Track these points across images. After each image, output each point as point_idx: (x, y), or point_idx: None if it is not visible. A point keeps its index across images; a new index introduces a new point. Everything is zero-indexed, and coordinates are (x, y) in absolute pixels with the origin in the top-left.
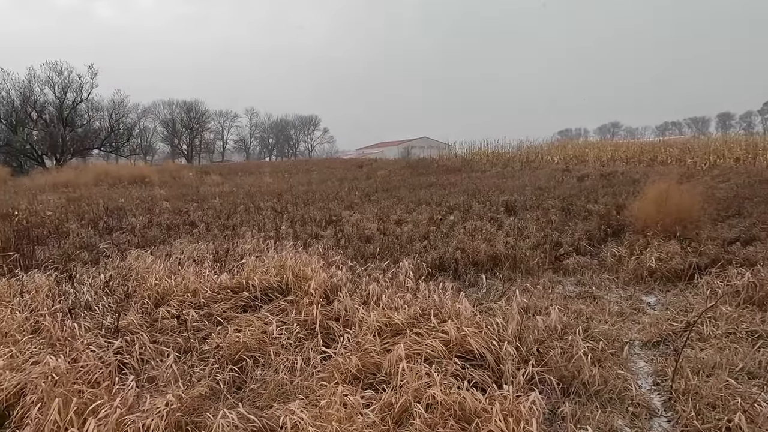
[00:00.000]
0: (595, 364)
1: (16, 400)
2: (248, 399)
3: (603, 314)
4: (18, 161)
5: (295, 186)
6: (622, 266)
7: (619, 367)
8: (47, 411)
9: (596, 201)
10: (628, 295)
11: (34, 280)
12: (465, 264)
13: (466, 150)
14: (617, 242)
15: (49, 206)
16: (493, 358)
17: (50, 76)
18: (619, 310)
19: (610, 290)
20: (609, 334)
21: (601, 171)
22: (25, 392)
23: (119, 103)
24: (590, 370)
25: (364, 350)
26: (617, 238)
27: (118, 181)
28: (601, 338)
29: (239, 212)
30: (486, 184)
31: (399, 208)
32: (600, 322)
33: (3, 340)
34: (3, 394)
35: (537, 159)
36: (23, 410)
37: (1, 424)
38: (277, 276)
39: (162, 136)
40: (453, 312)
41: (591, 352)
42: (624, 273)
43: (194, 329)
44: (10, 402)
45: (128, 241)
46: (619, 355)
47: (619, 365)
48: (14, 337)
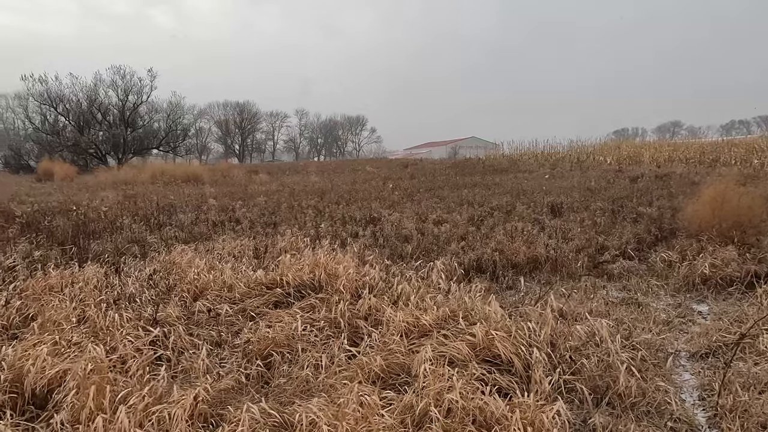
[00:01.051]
0: (634, 375)
1: (58, 385)
2: (273, 394)
3: (648, 322)
4: (84, 160)
5: (339, 185)
6: (673, 272)
7: (660, 378)
8: (83, 397)
9: (649, 203)
10: (677, 302)
11: (85, 272)
12: (503, 266)
13: (514, 150)
14: (668, 247)
15: (107, 203)
16: (522, 364)
17: (114, 80)
18: (666, 318)
19: (657, 297)
20: (652, 344)
21: (657, 172)
22: (66, 378)
23: (176, 105)
24: (627, 380)
25: (389, 350)
26: (668, 243)
27: (173, 179)
28: (643, 347)
29: (282, 210)
30: (532, 185)
31: (440, 208)
32: (644, 331)
33: (50, 328)
34: (45, 379)
35: (588, 159)
36: (62, 395)
37: (43, 407)
38: (310, 273)
39: (216, 137)
40: (483, 315)
41: (630, 362)
42: (674, 279)
43: (228, 323)
44: (51, 387)
45: (176, 236)
46: (662, 366)
47: (661, 377)
48: (61, 326)
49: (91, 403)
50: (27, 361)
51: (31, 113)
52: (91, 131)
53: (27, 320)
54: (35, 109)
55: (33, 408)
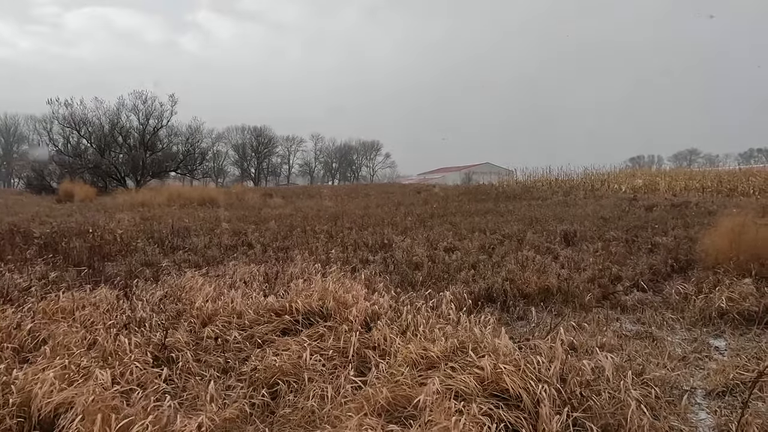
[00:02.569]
0: (647, 413)
1: (64, 411)
2: (278, 424)
3: (662, 357)
4: (104, 181)
5: (352, 210)
6: (688, 305)
7: (675, 417)
8: (88, 424)
9: (664, 233)
10: (693, 337)
11: (96, 295)
12: (514, 296)
13: (528, 176)
14: (684, 279)
15: (123, 225)
16: (530, 400)
17: (136, 104)
18: (682, 353)
19: (672, 331)
20: (667, 380)
21: (673, 201)
22: (72, 404)
23: (195, 129)
24: (639, 419)
25: (395, 382)
26: (684, 275)
27: (189, 202)
28: (657, 384)
29: (295, 235)
30: (545, 213)
31: (451, 234)
32: (658, 366)
33: (60, 352)
34: (51, 405)
35: (602, 187)
36: (68, 422)
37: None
38: (319, 301)
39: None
40: (492, 347)
41: (643, 399)
42: (690, 313)
43: (235, 350)
44: (57, 412)
45: (188, 260)
46: (677, 404)
47: (675, 415)
48: (71, 350)
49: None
50: (35, 385)
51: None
52: (112, 153)
53: (38, 343)
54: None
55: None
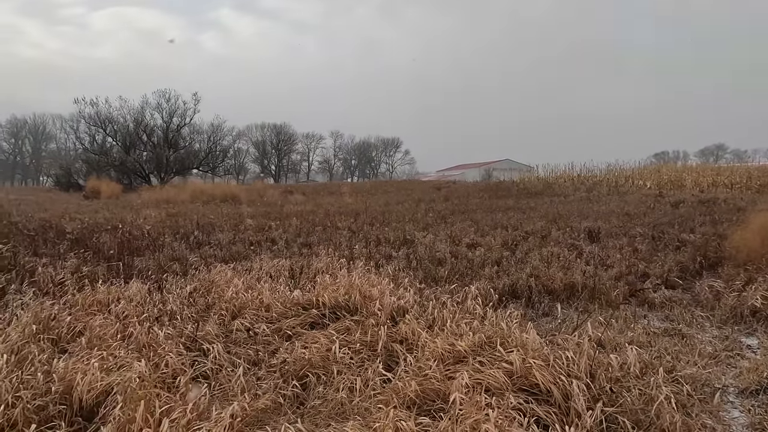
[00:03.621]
0: (679, 410)
1: (104, 398)
2: (308, 416)
3: (692, 355)
4: (129, 179)
5: (372, 206)
6: (719, 303)
7: (707, 415)
8: (129, 411)
9: (692, 230)
10: (724, 335)
11: (130, 289)
12: (539, 292)
13: (550, 173)
14: (713, 276)
15: (150, 221)
16: (561, 395)
17: (159, 103)
18: (713, 351)
19: (702, 329)
20: (698, 378)
21: (700, 197)
22: (112, 392)
23: (217, 127)
24: (671, 416)
25: (424, 376)
26: (714, 272)
27: (212, 198)
28: (688, 382)
29: (317, 231)
30: (568, 209)
31: (473, 231)
32: (688, 364)
33: (97, 343)
34: (93, 393)
35: (626, 183)
36: (109, 408)
37: (90, 419)
38: (345, 295)
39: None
40: (520, 342)
41: (674, 396)
42: (721, 310)
43: (264, 343)
44: (98, 400)
45: (215, 255)
46: (709, 402)
47: (707, 413)
48: (107, 341)
49: (140, 418)
50: (76, 374)
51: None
52: (136, 151)
53: (75, 334)
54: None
55: (81, 420)
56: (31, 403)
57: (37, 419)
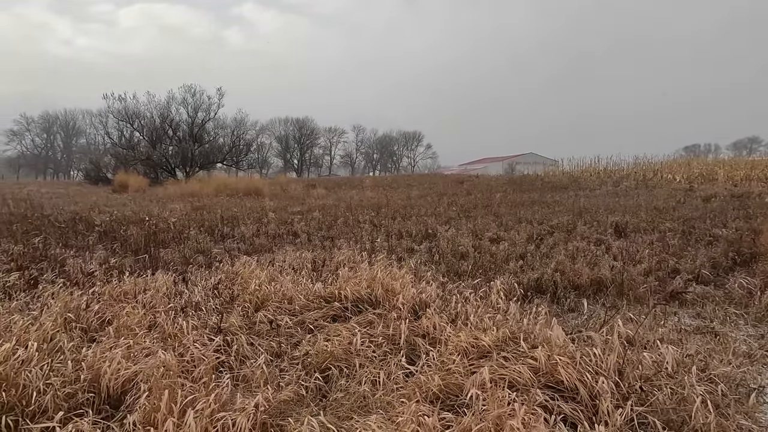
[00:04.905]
0: (712, 411)
1: (130, 387)
2: (331, 408)
3: (726, 353)
4: (155, 173)
5: (394, 200)
6: (753, 300)
7: (743, 416)
8: (155, 399)
9: (724, 225)
10: (759, 333)
11: (156, 280)
12: (564, 287)
13: (575, 166)
14: (747, 272)
15: (175, 214)
16: (587, 393)
17: (185, 98)
18: (748, 350)
19: (736, 327)
20: (732, 377)
21: (733, 192)
22: (138, 381)
23: (240, 121)
24: (705, 416)
25: (447, 370)
26: (748, 268)
27: (235, 192)
28: (722, 381)
29: (339, 224)
30: (594, 203)
31: (496, 225)
32: (722, 363)
33: (124, 332)
34: (120, 381)
35: (655, 177)
36: (135, 397)
37: (117, 407)
38: (367, 288)
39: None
40: (544, 338)
41: (708, 396)
42: (755, 308)
43: (287, 335)
44: (125, 388)
45: (238, 248)
46: (744, 402)
47: (743, 414)
48: (134, 331)
49: (164, 406)
50: (104, 363)
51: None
52: (162, 146)
53: (103, 324)
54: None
55: (108, 408)
56: (61, 390)
57: (66, 406)
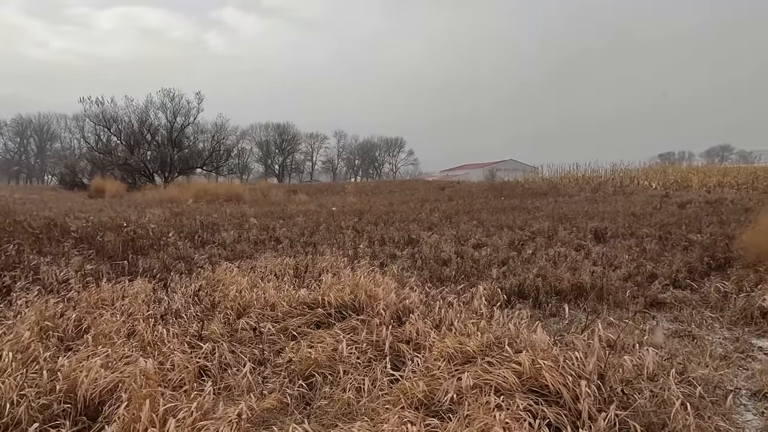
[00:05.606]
0: (691, 413)
1: (109, 396)
2: (315, 416)
3: (703, 356)
4: (133, 178)
5: (376, 206)
6: (728, 304)
7: (720, 418)
8: (134, 409)
9: (699, 230)
10: (734, 336)
11: (135, 287)
12: (546, 292)
13: (554, 173)
14: (723, 277)
15: (154, 220)
16: (570, 396)
17: (164, 102)
18: (724, 353)
19: (712, 330)
20: (709, 380)
21: (707, 198)
22: (117, 390)
23: (221, 126)
24: (684, 419)
25: (432, 376)
26: (722, 272)
27: (215, 198)
28: (700, 384)
29: (321, 230)
30: (573, 209)
31: (479, 231)
32: (699, 366)
33: (102, 341)
34: (98, 391)
35: (632, 184)
36: (113, 407)
37: (94, 419)
38: (351, 294)
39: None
40: (528, 342)
41: (686, 399)
42: (730, 312)
43: (270, 342)
44: (102, 398)
45: (219, 254)
46: (722, 404)
47: (720, 416)
48: (112, 339)
49: (145, 416)
50: (81, 372)
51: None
52: (141, 150)
53: (80, 332)
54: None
55: (85, 419)
56: (36, 401)
57: (41, 418)
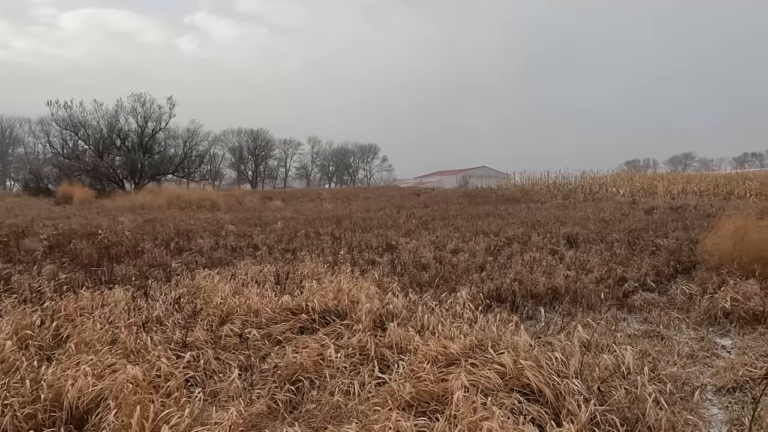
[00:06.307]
0: (662, 408)
1: (95, 405)
2: (304, 419)
3: (671, 355)
4: (102, 184)
5: (353, 212)
6: (694, 305)
7: (688, 412)
8: (125, 416)
9: (665, 235)
10: (699, 336)
11: (113, 295)
12: (523, 296)
13: (526, 180)
14: (688, 279)
15: (127, 227)
16: (552, 394)
17: (134, 107)
18: (690, 351)
19: (679, 330)
20: (678, 377)
21: (671, 204)
22: (104, 398)
23: (193, 132)
24: (656, 413)
25: (418, 378)
26: (688, 275)
27: (188, 204)
28: (669, 381)
29: (299, 237)
30: (546, 216)
31: (455, 237)
32: (668, 364)
33: (85, 349)
34: (84, 400)
35: (601, 190)
36: (101, 415)
37: (81, 427)
38: (334, 300)
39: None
40: (510, 344)
41: (658, 395)
42: (696, 312)
43: (255, 348)
44: (89, 407)
45: (196, 261)
46: (689, 399)
47: (689, 411)
48: (95, 347)
49: (136, 423)
50: (66, 381)
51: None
52: (110, 156)
53: (60, 341)
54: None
55: (72, 428)
56: (20, 411)
57: (26, 428)
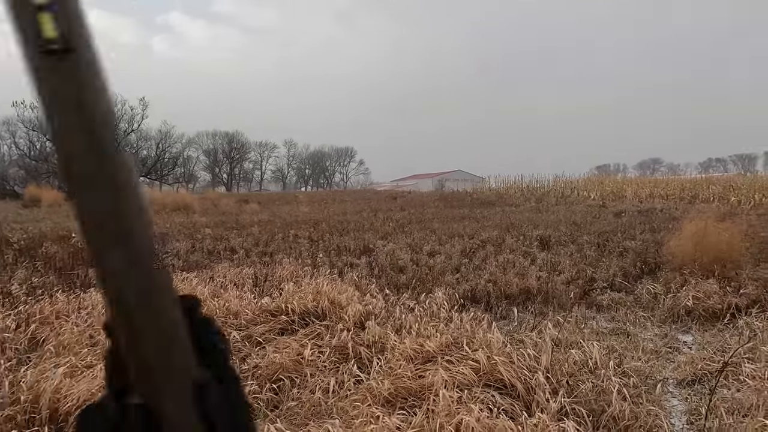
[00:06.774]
0: (626, 400)
1: (76, 408)
2: (285, 417)
3: (636, 351)
4: None
5: (330, 216)
6: (658, 304)
7: (651, 403)
8: None
9: (633, 238)
10: (663, 333)
11: (90, 298)
12: (497, 297)
13: (501, 183)
14: (653, 279)
15: None
16: (524, 387)
17: None
18: (654, 348)
19: (644, 328)
20: (642, 371)
21: (639, 208)
22: (89, 399)
23: (166, 134)
24: (620, 404)
25: (396, 375)
26: (653, 276)
27: (162, 207)
28: (634, 375)
29: (276, 240)
30: (520, 219)
31: (432, 239)
32: (633, 359)
33: (64, 351)
34: (67, 403)
35: (573, 194)
36: None
37: (62, 429)
38: (313, 301)
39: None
40: (484, 342)
41: (623, 388)
42: (660, 311)
43: (235, 349)
44: (69, 410)
45: (173, 265)
46: (652, 392)
47: (651, 402)
48: (74, 349)
49: None
50: (45, 382)
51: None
52: None
53: (36, 344)
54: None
55: (54, 429)
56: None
57: (6, 429)
